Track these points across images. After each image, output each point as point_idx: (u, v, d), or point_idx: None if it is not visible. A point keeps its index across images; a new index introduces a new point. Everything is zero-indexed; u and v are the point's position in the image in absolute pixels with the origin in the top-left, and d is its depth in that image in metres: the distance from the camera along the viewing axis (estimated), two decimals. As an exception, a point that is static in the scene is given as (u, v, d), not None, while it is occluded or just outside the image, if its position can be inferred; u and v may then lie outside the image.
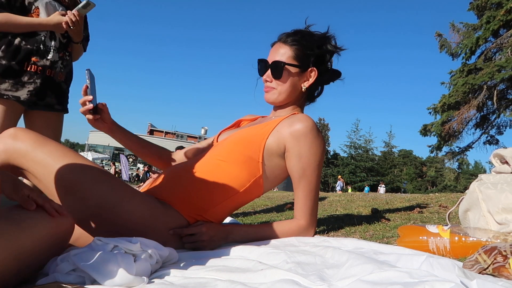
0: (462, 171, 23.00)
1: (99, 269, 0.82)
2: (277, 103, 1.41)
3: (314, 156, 1.29)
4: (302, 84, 1.39)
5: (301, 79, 1.38)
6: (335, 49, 1.41)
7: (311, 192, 1.30)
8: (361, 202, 3.01)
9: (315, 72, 1.38)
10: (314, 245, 1.15)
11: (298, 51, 1.36)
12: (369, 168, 41.14)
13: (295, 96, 1.41)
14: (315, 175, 1.30)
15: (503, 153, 1.29)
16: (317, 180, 1.31)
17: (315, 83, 1.41)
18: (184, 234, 1.21)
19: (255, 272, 0.86)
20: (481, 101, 12.76)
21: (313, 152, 1.28)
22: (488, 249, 0.87)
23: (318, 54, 1.38)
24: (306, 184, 1.29)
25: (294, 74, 1.37)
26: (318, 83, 1.44)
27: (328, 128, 50.28)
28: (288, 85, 1.37)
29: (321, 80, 1.43)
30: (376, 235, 1.48)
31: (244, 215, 2.67)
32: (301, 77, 1.38)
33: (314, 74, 1.38)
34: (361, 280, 0.76)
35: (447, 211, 1.79)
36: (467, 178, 32.34)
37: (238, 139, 1.32)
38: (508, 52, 11.81)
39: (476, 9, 13.21)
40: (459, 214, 1.37)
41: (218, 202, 1.28)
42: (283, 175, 1.35)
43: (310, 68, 1.38)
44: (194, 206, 1.25)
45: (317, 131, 1.30)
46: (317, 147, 1.29)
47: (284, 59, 1.36)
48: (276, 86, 1.38)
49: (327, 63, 1.41)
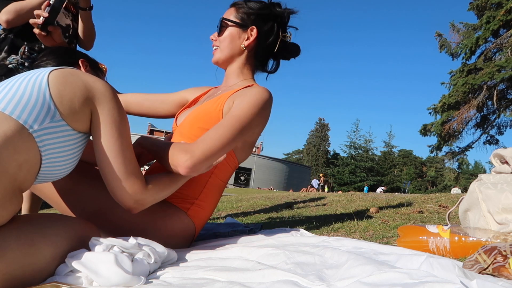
0: (462, 171, 23.03)
1: (96, 269, 0.82)
2: (221, 62, 1.40)
3: (246, 113, 1.19)
4: (243, 42, 1.37)
5: (241, 37, 1.38)
6: (280, 12, 1.40)
7: (219, 134, 1.15)
8: (361, 202, 3.01)
9: (255, 31, 1.36)
10: (313, 246, 1.14)
11: (241, 10, 1.38)
12: (369, 168, 41.19)
13: (237, 55, 1.39)
14: (234, 124, 1.17)
15: (503, 153, 1.29)
16: (233, 130, 1.16)
17: (259, 46, 1.39)
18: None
19: (254, 272, 0.86)
20: (481, 101, 12.77)
21: (246, 109, 1.20)
22: (488, 249, 0.87)
23: (259, 13, 1.38)
24: (221, 126, 1.17)
25: (234, 31, 1.37)
26: (265, 49, 1.40)
27: (328, 128, 50.33)
28: (228, 41, 1.37)
29: (266, 45, 1.39)
30: (376, 235, 1.48)
31: (244, 214, 2.66)
32: (242, 35, 1.37)
33: (255, 33, 1.36)
34: (361, 281, 0.75)
35: (447, 211, 1.78)
36: (467, 178, 32.36)
37: (196, 117, 1.31)
38: (508, 52, 11.82)
39: (476, 9, 13.22)
40: (459, 214, 1.37)
41: (202, 184, 1.28)
42: (249, 139, 1.32)
43: (251, 27, 1.37)
44: (185, 196, 1.26)
45: (267, 105, 1.26)
46: (254, 111, 1.21)
47: (226, 17, 1.39)
48: (219, 44, 1.39)
49: (271, 26, 1.39)
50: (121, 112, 0.98)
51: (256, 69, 1.46)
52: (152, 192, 1.03)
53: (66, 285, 0.80)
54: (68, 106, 0.88)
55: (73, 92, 0.89)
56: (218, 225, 1.78)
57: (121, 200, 0.99)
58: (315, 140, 49.76)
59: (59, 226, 0.90)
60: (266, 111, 1.27)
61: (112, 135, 0.95)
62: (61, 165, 0.91)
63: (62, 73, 0.91)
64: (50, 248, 0.84)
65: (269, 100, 1.27)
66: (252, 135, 1.30)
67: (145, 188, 1.01)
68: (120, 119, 0.97)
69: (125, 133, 0.99)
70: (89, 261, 0.83)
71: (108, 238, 0.94)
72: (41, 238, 0.83)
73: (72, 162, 0.94)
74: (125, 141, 0.98)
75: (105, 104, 0.94)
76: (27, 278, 0.80)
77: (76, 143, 0.92)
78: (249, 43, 1.37)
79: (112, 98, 0.96)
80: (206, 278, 0.86)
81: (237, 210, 3.06)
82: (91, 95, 0.92)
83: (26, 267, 0.79)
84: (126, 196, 0.98)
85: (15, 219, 0.84)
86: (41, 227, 0.86)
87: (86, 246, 0.92)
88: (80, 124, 0.91)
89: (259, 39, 1.38)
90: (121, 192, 0.98)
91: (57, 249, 0.86)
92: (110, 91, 0.96)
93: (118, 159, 0.96)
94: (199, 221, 1.29)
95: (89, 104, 0.92)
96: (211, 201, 1.32)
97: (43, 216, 0.92)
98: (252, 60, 1.42)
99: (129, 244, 0.92)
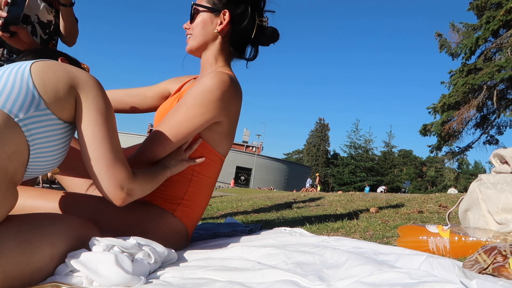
0: (462, 171, 23.03)
1: (96, 269, 0.82)
2: (194, 50, 1.34)
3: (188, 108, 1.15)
4: (215, 28, 1.31)
5: (214, 22, 1.31)
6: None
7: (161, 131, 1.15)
8: (361, 202, 3.01)
9: (228, 14, 1.29)
10: (313, 246, 1.14)
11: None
12: (369, 168, 41.19)
13: (210, 42, 1.32)
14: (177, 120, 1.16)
15: (503, 153, 1.29)
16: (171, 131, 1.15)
17: (233, 30, 1.32)
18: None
19: (254, 272, 0.86)
20: (481, 101, 12.77)
21: (190, 103, 1.15)
22: (488, 249, 0.87)
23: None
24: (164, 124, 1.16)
25: (206, 16, 1.31)
26: (240, 33, 1.32)
27: (328, 128, 50.32)
28: (200, 27, 1.31)
29: (241, 29, 1.32)
30: (376, 235, 1.48)
31: (244, 214, 2.66)
32: (214, 20, 1.31)
33: (227, 17, 1.29)
34: (361, 281, 0.75)
35: (447, 211, 1.78)
36: (467, 178, 32.36)
37: (161, 115, 1.29)
38: (508, 52, 11.82)
39: (476, 9, 13.22)
40: (459, 214, 1.37)
41: (186, 183, 1.25)
42: (220, 129, 1.25)
43: (223, 11, 1.30)
44: (170, 197, 1.24)
45: (220, 90, 1.16)
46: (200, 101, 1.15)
47: (198, 2, 1.33)
48: (191, 31, 1.33)
49: (244, 9, 1.30)
50: (106, 100, 0.96)
51: (233, 56, 1.38)
52: (140, 181, 1.01)
53: (66, 285, 0.80)
54: (53, 94, 0.87)
55: (57, 80, 0.88)
56: (218, 225, 1.78)
57: (109, 189, 0.96)
58: (315, 140, 49.76)
59: (57, 225, 0.89)
60: (222, 96, 1.17)
61: (97, 121, 0.93)
62: (48, 157, 0.90)
63: (44, 63, 0.90)
64: (49, 247, 0.84)
65: (223, 83, 1.17)
66: (220, 125, 1.23)
67: (133, 177, 0.99)
68: (106, 107, 0.95)
69: (111, 121, 0.97)
70: (89, 261, 0.83)
71: (108, 238, 0.94)
72: (39, 237, 0.83)
73: (59, 155, 0.93)
74: (111, 128, 0.96)
75: (89, 92, 0.93)
76: (25, 277, 0.79)
77: (62, 133, 0.91)
78: (222, 28, 1.30)
79: (96, 87, 0.94)
80: (206, 278, 0.86)
81: (237, 210, 3.06)
82: (75, 83, 0.91)
83: (25, 266, 0.79)
84: (114, 184, 0.95)
85: (13, 218, 0.84)
86: (39, 226, 0.85)
87: (86, 246, 0.91)
88: (65, 112, 0.90)
89: (233, 23, 1.31)
90: (108, 180, 0.95)
91: (56, 248, 0.85)
92: (94, 80, 0.95)
93: (105, 144, 0.94)
94: (190, 221, 1.27)
95: (73, 92, 0.91)
96: (199, 199, 1.29)
97: (41, 215, 0.92)
98: (227, 47, 1.35)
99: (129, 244, 0.92)
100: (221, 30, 1.31)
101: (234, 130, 1.31)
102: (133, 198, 1.01)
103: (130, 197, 1.00)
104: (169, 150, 1.17)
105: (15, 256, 0.78)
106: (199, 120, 1.16)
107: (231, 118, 1.25)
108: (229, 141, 1.31)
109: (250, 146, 38.49)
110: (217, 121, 1.21)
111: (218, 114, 1.19)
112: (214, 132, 1.24)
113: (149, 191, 1.07)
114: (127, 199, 0.99)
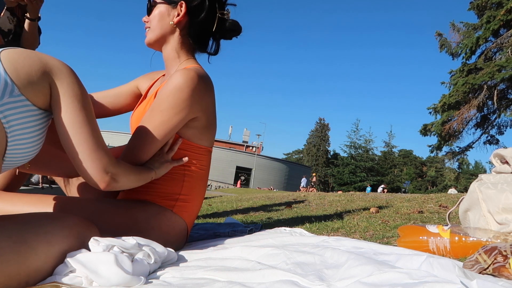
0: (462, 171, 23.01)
1: (96, 269, 0.81)
2: (152, 42, 1.34)
3: (163, 109, 1.16)
4: (172, 20, 1.30)
5: (171, 14, 1.30)
6: None
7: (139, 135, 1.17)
8: (361, 202, 3.00)
9: (184, 5, 1.29)
10: (313, 246, 1.14)
11: None
12: (369, 168, 41.20)
13: (168, 34, 1.31)
14: (154, 121, 1.16)
15: (503, 153, 1.29)
16: (150, 135, 1.16)
17: (190, 23, 1.31)
18: None
19: (254, 272, 0.86)
20: (481, 101, 12.77)
21: (164, 105, 1.15)
22: (488, 249, 0.87)
23: None
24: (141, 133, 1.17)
25: (163, 8, 1.30)
26: (198, 25, 1.31)
27: (328, 128, 50.32)
28: (157, 20, 1.31)
29: (198, 22, 1.30)
30: (376, 235, 1.48)
31: (244, 214, 2.66)
32: (171, 12, 1.30)
33: (184, 9, 1.28)
34: (361, 281, 0.75)
35: (447, 211, 1.78)
36: (467, 178, 32.35)
37: (137, 121, 1.28)
38: (508, 52, 11.82)
39: (477, 8, 13.23)
40: (459, 214, 1.37)
41: (181, 179, 1.26)
42: (198, 124, 1.25)
43: (180, 2, 1.29)
44: (167, 194, 1.25)
45: (190, 88, 1.16)
46: (174, 101, 1.16)
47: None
48: (149, 24, 1.33)
49: (201, 0, 1.29)
50: (81, 87, 0.95)
51: (195, 50, 1.38)
52: (124, 169, 1.01)
53: (66, 285, 0.80)
54: (26, 80, 0.85)
55: (29, 66, 0.87)
56: (218, 225, 1.78)
57: (93, 173, 0.95)
58: (315, 140, 49.76)
59: (52, 224, 0.89)
60: (192, 93, 1.17)
61: (75, 107, 0.92)
62: (26, 146, 0.88)
63: (13, 50, 0.88)
64: (45, 247, 0.83)
65: (191, 80, 1.17)
66: (197, 120, 1.24)
67: (117, 161, 0.98)
68: (82, 93, 0.94)
69: (89, 107, 0.95)
70: (89, 261, 0.83)
71: (108, 238, 0.93)
72: (34, 236, 0.82)
73: (36, 144, 0.91)
74: (90, 114, 0.95)
75: (63, 79, 0.91)
76: (22, 277, 0.79)
77: (38, 120, 0.89)
78: (179, 19, 1.29)
79: (70, 74, 0.93)
80: (206, 278, 0.86)
81: (237, 210, 3.06)
82: (48, 69, 0.90)
83: (21, 265, 0.79)
84: (98, 167, 0.94)
85: (8, 218, 0.84)
86: (33, 225, 0.85)
87: (85, 246, 0.91)
88: (40, 99, 0.89)
89: (190, 15, 1.30)
90: (92, 163, 0.94)
91: (52, 247, 0.85)
92: (67, 67, 0.94)
93: (85, 129, 0.93)
94: (188, 216, 1.29)
95: (47, 78, 0.89)
96: (195, 192, 1.30)
97: (36, 214, 0.92)
98: (186, 40, 1.34)
99: (129, 244, 0.92)
100: (178, 22, 1.30)
101: (214, 121, 1.31)
102: (118, 184, 1.01)
103: (115, 182, 1.00)
104: (151, 154, 1.18)
105: (10, 256, 0.77)
106: (175, 121, 1.17)
107: (207, 111, 1.26)
108: (211, 133, 1.32)
109: (250, 146, 38.51)
110: (193, 117, 1.22)
111: (192, 110, 1.20)
112: (193, 128, 1.25)
113: (133, 183, 1.08)
114: (112, 183, 0.99)
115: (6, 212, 1.12)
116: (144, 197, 1.25)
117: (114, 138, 28.38)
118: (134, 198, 1.26)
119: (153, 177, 1.17)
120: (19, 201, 1.16)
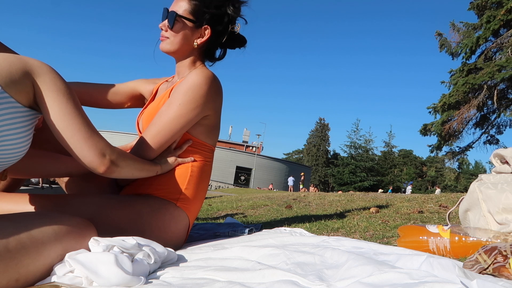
0: (462, 171, 23.02)
1: (96, 269, 0.81)
2: (170, 53, 1.40)
3: (179, 105, 1.23)
4: (195, 40, 1.37)
5: (194, 35, 1.37)
6: (234, 14, 1.39)
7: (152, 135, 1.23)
8: (361, 202, 3.00)
9: (209, 30, 1.36)
10: (313, 246, 1.14)
11: (195, 6, 1.35)
12: (369, 168, 41.19)
13: (188, 50, 1.39)
14: (166, 122, 1.23)
15: (503, 153, 1.29)
16: (165, 128, 1.22)
17: (210, 43, 1.40)
18: None
19: (254, 272, 0.86)
20: (481, 100, 12.77)
21: (180, 100, 1.23)
22: (488, 249, 0.87)
23: (214, 13, 1.36)
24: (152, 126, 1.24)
25: (187, 28, 1.35)
26: (215, 44, 1.42)
27: (328, 128, 50.33)
28: (180, 37, 1.36)
29: (217, 41, 1.41)
30: (376, 235, 1.48)
31: (244, 214, 2.66)
32: (195, 33, 1.37)
33: (208, 33, 1.37)
34: (361, 282, 0.75)
35: (447, 211, 1.78)
36: (467, 178, 32.35)
37: (148, 120, 1.33)
38: (508, 51, 11.82)
39: (476, 8, 13.23)
40: (459, 214, 1.37)
41: (186, 175, 1.30)
42: (208, 122, 1.33)
43: (205, 26, 1.36)
44: (173, 188, 1.28)
45: (204, 89, 1.24)
46: (188, 100, 1.23)
47: (181, 12, 1.35)
48: (169, 36, 1.37)
49: (225, 25, 1.39)
50: (64, 82, 0.95)
51: (206, 58, 1.46)
52: (124, 156, 1.03)
53: (65, 285, 0.80)
54: (8, 78, 0.85)
55: (9, 65, 0.87)
56: (218, 225, 1.78)
57: (91, 157, 0.97)
58: (315, 140, 49.78)
59: (47, 223, 0.88)
60: (210, 90, 1.25)
61: (61, 100, 0.93)
62: (13, 145, 0.88)
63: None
64: (40, 247, 0.83)
65: (209, 78, 1.26)
66: (208, 118, 1.31)
67: (113, 147, 1.00)
68: (65, 87, 0.95)
69: (75, 99, 0.96)
70: (89, 261, 0.83)
71: (108, 238, 0.93)
72: (28, 236, 0.82)
73: (24, 143, 0.91)
74: (77, 105, 0.96)
75: (45, 76, 0.92)
76: (21, 277, 0.79)
77: (24, 117, 0.89)
78: (202, 42, 1.37)
79: (50, 71, 0.94)
80: (206, 278, 0.86)
81: (237, 210, 3.06)
82: (28, 68, 0.90)
83: (19, 265, 0.78)
84: (96, 152, 0.96)
85: (5, 217, 0.84)
86: (26, 225, 0.84)
87: (83, 245, 0.91)
88: (24, 97, 0.89)
89: (212, 38, 1.39)
90: (89, 149, 0.96)
91: (47, 247, 0.85)
92: (46, 65, 0.94)
93: (75, 120, 0.94)
94: (191, 211, 1.32)
95: (28, 77, 0.90)
96: (199, 188, 1.34)
97: (30, 214, 0.91)
98: (202, 53, 1.42)
99: (129, 244, 0.92)
100: (200, 43, 1.38)
101: (219, 123, 1.40)
102: (118, 168, 1.03)
103: (114, 166, 1.02)
104: (162, 146, 1.24)
105: (7, 256, 0.77)
106: (190, 116, 1.24)
107: (218, 111, 1.34)
108: (216, 133, 1.41)
109: (250, 146, 38.51)
110: (206, 115, 1.30)
111: (206, 108, 1.28)
112: (203, 126, 1.32)
113: (136, 171, 1.12)
114: (111, 167, 1.01)
115: (7, 211, 1.12)
116: (148, 191, 1.28)
117: (114, 138, 28.43)
118: (138, 192, 1.29)
119: (158, 171, 1.22)
120: (21, 200, 1.16)
